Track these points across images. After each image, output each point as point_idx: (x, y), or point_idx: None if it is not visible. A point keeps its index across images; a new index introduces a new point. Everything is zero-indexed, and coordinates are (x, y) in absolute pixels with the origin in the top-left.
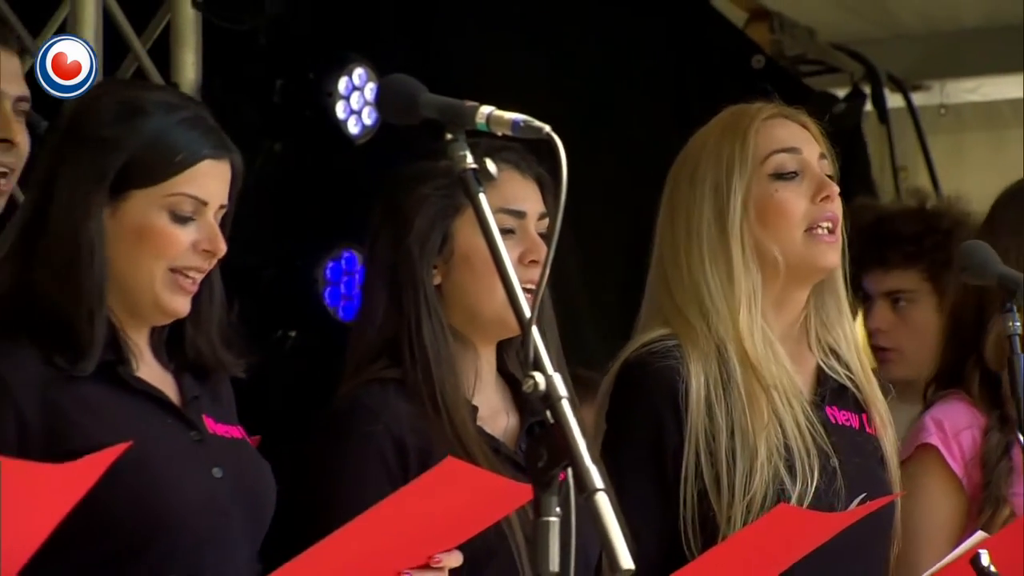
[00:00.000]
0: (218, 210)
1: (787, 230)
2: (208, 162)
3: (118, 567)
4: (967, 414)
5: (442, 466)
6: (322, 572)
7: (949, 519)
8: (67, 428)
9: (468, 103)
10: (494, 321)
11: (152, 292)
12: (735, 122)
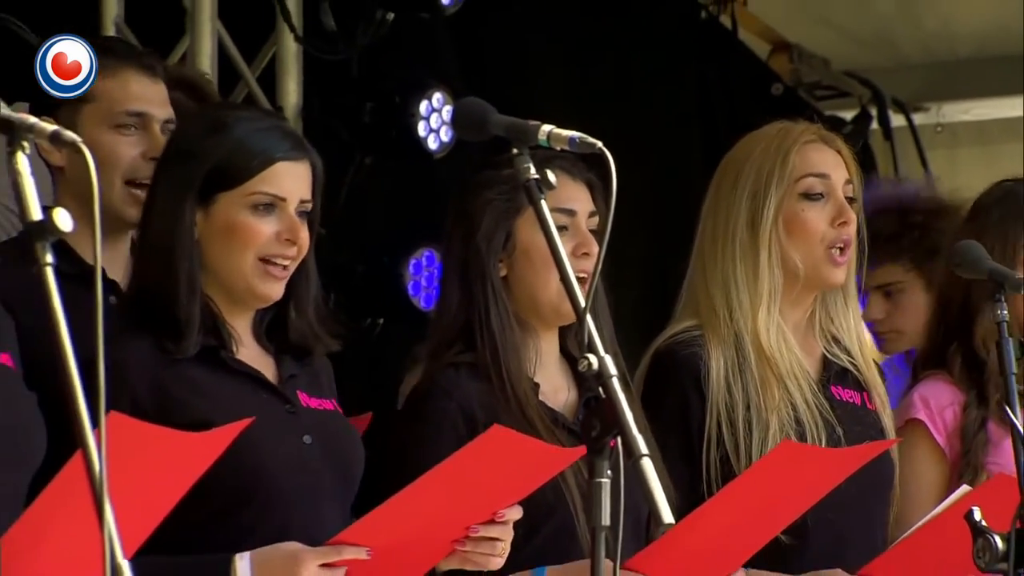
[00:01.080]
0: (299, 204)
1: (808, 245)
2: (283, 163)
3: (222, 521)
4: (949, 392)
5: (489, 433)
6: (396, 524)
7: (934, 483)
8: (174, 405)
9: (531, 122)
10: (552, 308)
11: (245, 280)
12: (780, 140)
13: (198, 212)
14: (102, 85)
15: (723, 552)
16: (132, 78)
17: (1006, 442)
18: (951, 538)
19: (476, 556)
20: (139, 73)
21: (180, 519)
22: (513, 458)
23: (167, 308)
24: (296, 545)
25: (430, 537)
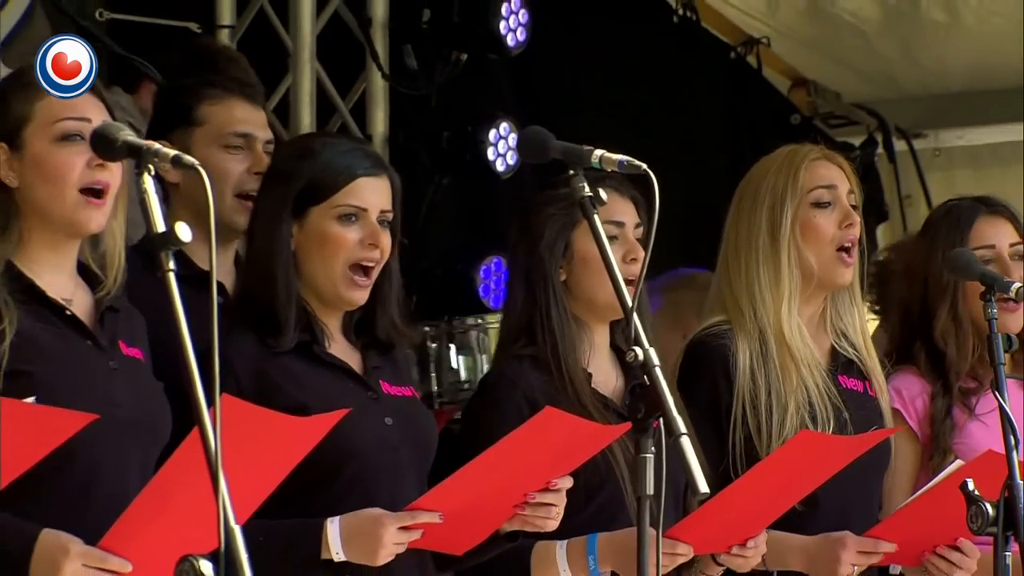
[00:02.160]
0: (380, 214)
1: (820, 246)
2: (364, 178)
3: (316, 492)
4: (918, 383)
5: (543, 414)
6: (465, 492)
7: (910, 462)
8: (273, 392)
9: (585, 147)
10: (607, 305)
11: (335, 286)
12: (790, 159)
13: (294, 225)
14: (210, 110)
15: (749, 520)
16: (237, 105)
17: (970, 425)
18: (944, 506)
19: (534, 519)
20: (243, 101)
21: (280, 490)
22: (563, 435)
23: (268, 309)
24: (379, 510)
25: (494, 503)
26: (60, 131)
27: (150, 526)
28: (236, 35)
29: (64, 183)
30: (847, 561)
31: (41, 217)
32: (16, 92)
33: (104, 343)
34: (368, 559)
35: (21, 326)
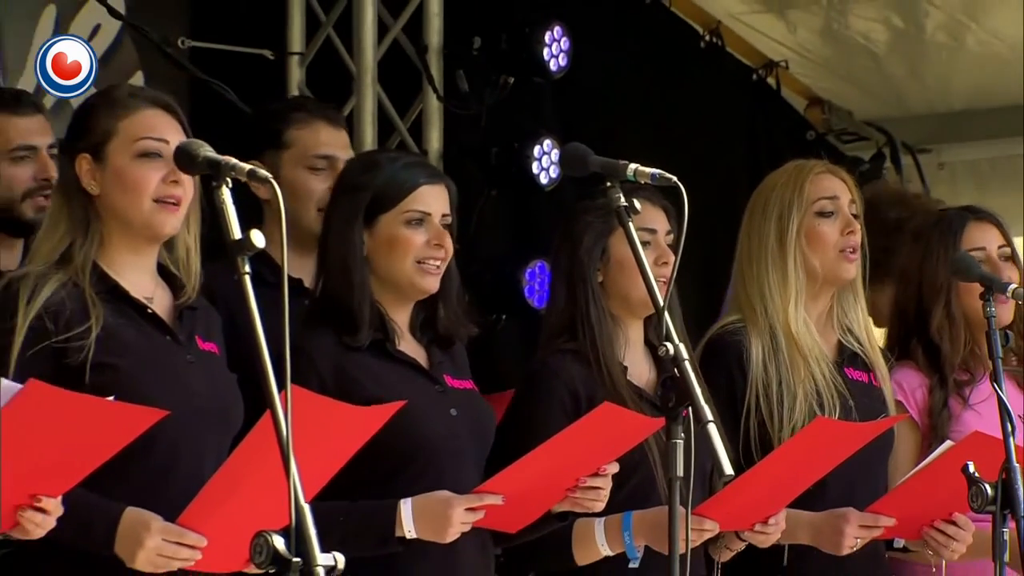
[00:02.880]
0: (441, 218)
1: (824, 252)
2: (425, 186)
3: (390, 477)
4: (918, 377)
5: (600, 408)
6: (524, 477)
7: (911, 450)
8: (351, 385)
9: (621, 161)
10: (639, 304)
11: (408, 279)
12: (796, 173)
13: (364, 232)
14: (297, 134)
15: (768, 500)
16: (322, 129)
17: (964, 414)
18: (939, 484)
19: (584, 501)
20: (327, 124)
21: (357, 476)
22: (615, 427)
23: (345, 309)
24: (448, 493)
25: (549, 486)
26: (140, 148)
27: (224, 505)
28: (305, 61)
29: (141, 195)
30: (850, 534)
31: (120, 222)
32: (102, 109)
33: (182, 338)
34: (437, 537)
35: (106, 322)
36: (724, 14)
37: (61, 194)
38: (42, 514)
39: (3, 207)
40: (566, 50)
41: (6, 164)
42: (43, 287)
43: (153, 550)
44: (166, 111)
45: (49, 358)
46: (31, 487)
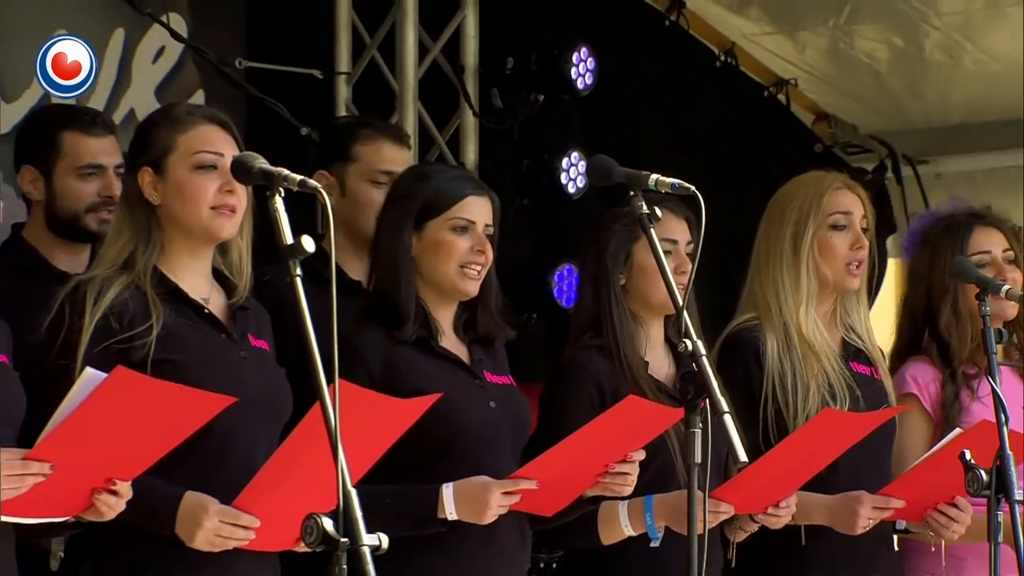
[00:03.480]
0: (484, 227)
1: (835, 262)
2: (470, 197)
3: (432, 464)
4: (931, 371)
5: (626, 401)
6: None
7: (924, 438)
8: (397, 377)
9: (643, 172)
10: (659, 305)
11: (451, 281)
12: (816, 184)
13: (413, 236)
14: (364, 149)
15: (781, 484)
16: (385, 146)
17: (972, 406)
18: (944, 470)
19: (613, 486)
20: (391, 143)
21: (401, 462)
22: (639, 417)
23: (393, 305)
24: (486, 478)
25: (580, 473)
26: (198, 161)
27: (276, 490)
28: (352, 80)
29: (199, 204)
30: (864, 515)
31: (180, 229)
32: (163, 126)
33: (236, 336)
34: (476, 518)
35: (167, 321)
36: (738, 35)
37: (125, 205)
38: (115, 497)
39: (69, 218)
40: (592, 69)
41: (74, 179)
42: (108, 289)
43: (211, 531)
44: (221, 127)
45: (113, 354)
46: (107, 471)
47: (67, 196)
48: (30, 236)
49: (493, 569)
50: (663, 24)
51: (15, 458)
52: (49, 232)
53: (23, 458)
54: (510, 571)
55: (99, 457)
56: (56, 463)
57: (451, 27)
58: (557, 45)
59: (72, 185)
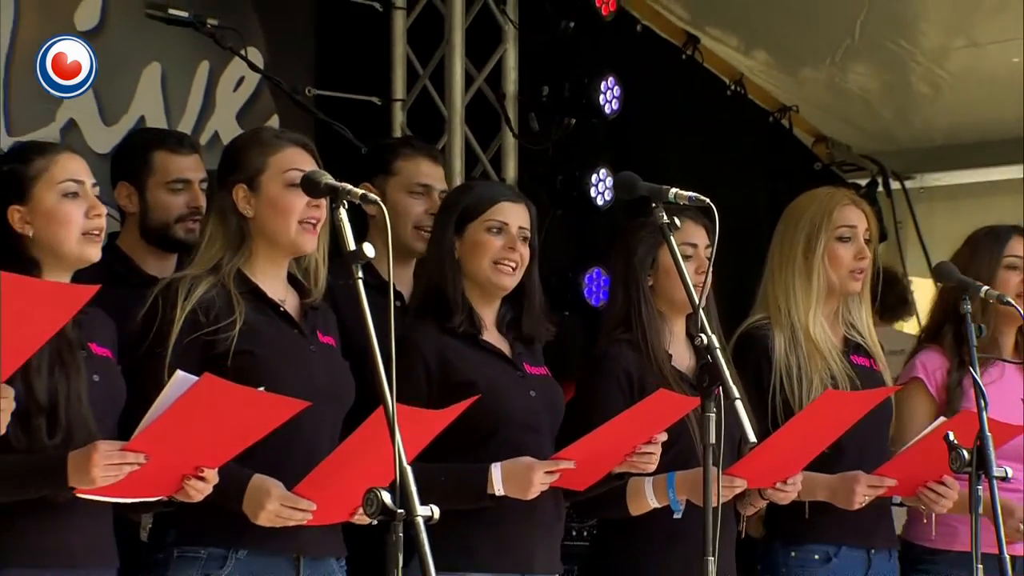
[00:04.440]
0: (519, 230)
1: (839, 271)
2: (505, 202)
3: (478, 447)
4: (940, 359)
5: (657, 394)
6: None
7: (926, 418)
8: (449, 367)
9: (664, 186)
10: (681, 304)
11: (486, 275)
12: (828, 200)
13: (456, 240)
14: (403, 164)
15: (789, 461)
16: (423, 162)
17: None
18: (932, 452)
19: (639, 463)
20: (428, 160)
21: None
22: (664, 406)
23: (442, 300)
24: (530, 459)
25: (611, 452)
26: (289, 179)
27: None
28: (406, 106)
29: (290, 217)
30: (860, 492)
31: (268, 240)
32: (254, 148)
33: (307, 332)
34: (522, 494)
35: (248, 318)
36: (746, 69)
37: (218, 216)
38: (203, 483)
39: (160, 228)
40: (618, 96)
41: (165, 193)
42: (197, 287)
43: (272, 512)
44: (305, 149)
45: (200, 345)
46: (195, 460)
47: (158, 208)
48: (124, 244)
49: (532, 538)
50: (680, 58)
51: (114, 449)
52: (141, 241)
53: (120, 450)
54: (547, 540)
55: (187, 449)
56: (150, 454)
57: (494, 59)
58: (587, 75)
59: (163, 198)
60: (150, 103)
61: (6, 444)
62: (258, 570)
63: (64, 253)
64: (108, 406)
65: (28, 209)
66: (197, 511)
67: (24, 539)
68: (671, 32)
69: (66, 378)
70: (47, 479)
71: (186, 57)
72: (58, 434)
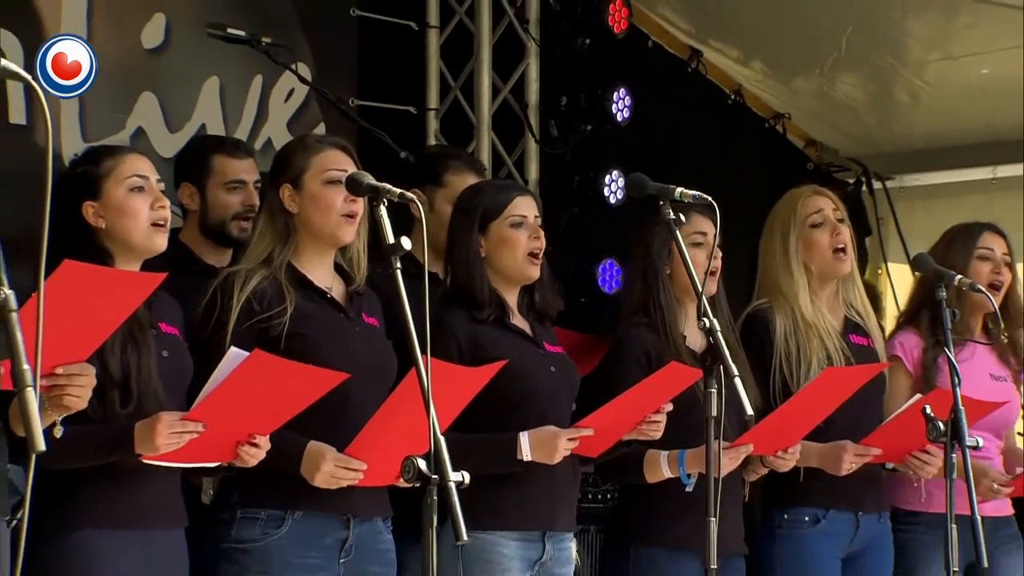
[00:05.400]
0: (534, 219)
1: (820, 254)
2: (519, 197)
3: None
4: (915, 339)
5: (668, 367)
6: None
7: (905, 393)
8: (479, 348)
9: (671, 186)
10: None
11: (519, 268)
12: (791, 199)
13: (480, 238)
14: (452, 178)
15: (790, 432)
16: (470, 177)
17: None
18: (913, 425)
19: (647, 431)
20: (475, 175)
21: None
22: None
23: (471, 294)
24: (555, 427)
25: (624, 421)
26: (328, 178)
27: (380, 439)
28: (439, 115)
29: (330, 211)
30: (847, 460)
31: (312, 233)
32: (299, 151)
33: (352, 315)
34: (548, 459)
35: (298, 304)
36: (744, 80)
37: (268, 214)
38: (256, 448)
39: (218, 224)
40: (629, 105)
41: (223, 192)
42: (251, 278)
43: (327, 473)
44: (343, 151)
45: (255, 331)
46: (249, 428)
47: (217, 206)
48: (185, 238)
49: (553, 499)
50: (686, 70)
51: (175, 419)
52: (201, 235)
53: (181, 419)
54: (566, 501)
55: (241, 418)
56: (207, 423)
57: (517, 72)
58: (601, 86)
59: (221, 197)
60: (210, 112)
61: (83, 415)
62: (312, 529)
63: (134, 243)
64: (176, 379)
65: (100, 204)
66: (258, 476)
67: (97, 503)
68: (677, 47)
69: (137, 354)
70: (116, 446)
71: (242, 71)
72: (130, 405)
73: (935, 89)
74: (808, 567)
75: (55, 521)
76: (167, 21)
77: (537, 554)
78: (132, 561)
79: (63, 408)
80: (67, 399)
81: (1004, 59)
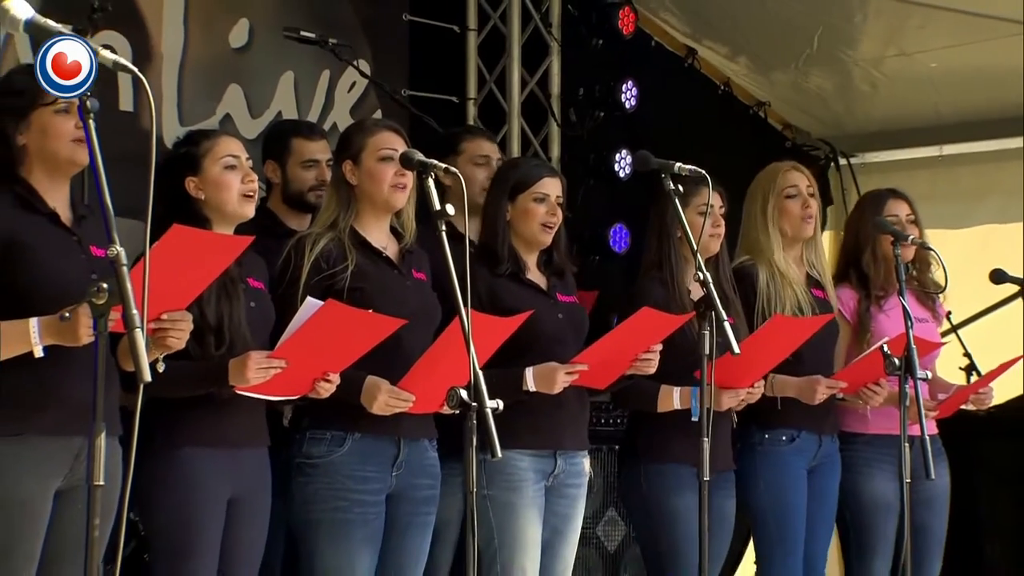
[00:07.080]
0: (556, 198)
1: (791, 220)
2: (547, 178)
3: (520, 356)
4: (850, 293)
5: (641, 311)
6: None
7: (844, 340)
8: (497, 299)
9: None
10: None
11: (534, 234)
12: (773, 171)
13: (509, 205)
14: (468, 144)
15: (758, 366)
16: (482, 142)
17: (879, 316)
18: (872, 364)
19: (642, 367)
20: (485, 139)
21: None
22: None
23: (492, 251)
24: (554, 363)
25: (619, 358)
26: (382, 155)
27: (426, 375)
28: (477, 103)
29: (383, 183)
30: (821, 391)
31: (369, 201)
32: (358, 133)
33: (404, 271)
34: (548, 389)
35: (358, 262)
36: (732, 73)
37: (333, 186)
38: (328, 384)
39: (297, 195)
40: (635, 95)
41: (300, 169)
42: (319, 241)
43: (383, 402)
44: (395, 132)
45: (323, 286)
46: (323, 366)
47: (296, 180)
48: (271, 206)
49: (560, 423)
50: (683, 65)
51: (262, 356)
52: (283, 204)
53: (267, 356)
54: (574, 425)
55: (316, 357)
56: (289, 361)
57: (543, 67)
58: (612, 79)
59: (299, 173)
60: (286, 101)
61: (185, 354)
62: (369, 448)
63: (228, 212)
64: (261, 325)
65: (200, 179)
66: (324, 403)
67: (198, 425)
68: (675, 46)
69: (229, 304)
70: (214, 379)
71: (312, 67)
72: (223, 347)
73: (891, 80)
74: (785, 476)
75: (162, 440)
76: (250, 25)
77: (550, 468)
78: (225, 473)
79: (165, 348)
80: (169, 340)
81: (950, 55)
